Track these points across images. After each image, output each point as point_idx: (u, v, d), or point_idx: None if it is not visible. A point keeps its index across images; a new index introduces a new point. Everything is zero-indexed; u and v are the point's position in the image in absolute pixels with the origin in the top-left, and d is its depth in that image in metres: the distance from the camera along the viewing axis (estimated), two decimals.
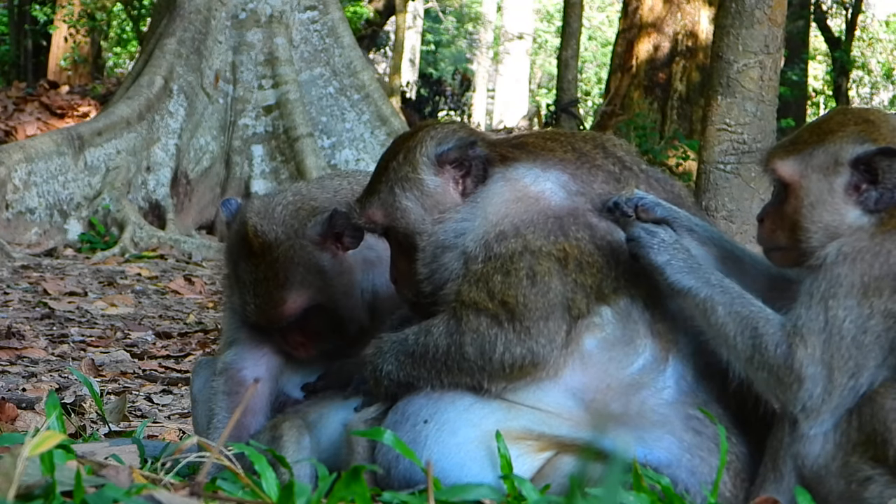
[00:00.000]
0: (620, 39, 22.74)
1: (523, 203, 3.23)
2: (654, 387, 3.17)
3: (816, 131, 3.17)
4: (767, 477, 3.09)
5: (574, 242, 3.17)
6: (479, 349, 3.13)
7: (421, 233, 3.30)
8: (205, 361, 3.93)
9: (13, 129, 20.28)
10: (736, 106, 10.59)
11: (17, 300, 9.61)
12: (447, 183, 3.32)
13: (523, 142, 3.40)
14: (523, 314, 3.12)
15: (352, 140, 16.24)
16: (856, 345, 2.93)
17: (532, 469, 3.14)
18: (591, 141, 3.43)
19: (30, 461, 2.45)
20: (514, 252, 3.15)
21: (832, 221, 3.07)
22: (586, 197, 3.26)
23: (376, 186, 3.39)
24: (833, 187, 3.08)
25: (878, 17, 37.25)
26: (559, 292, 3.13)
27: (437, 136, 3.36)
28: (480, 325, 3.14)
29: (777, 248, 3.17)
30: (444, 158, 3.31)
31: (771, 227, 3.19)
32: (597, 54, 42.87)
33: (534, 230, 3.17)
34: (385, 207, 3.35)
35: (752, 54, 10.17)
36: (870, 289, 2.94)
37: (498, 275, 3.14)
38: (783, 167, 3.15)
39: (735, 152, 11.28)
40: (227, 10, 16.14)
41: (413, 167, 3.33)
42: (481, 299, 3.14)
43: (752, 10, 9.87)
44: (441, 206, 3.30)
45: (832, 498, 3.01)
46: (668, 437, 3.12)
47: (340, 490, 2.74)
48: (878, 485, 2.96)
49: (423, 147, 3.34)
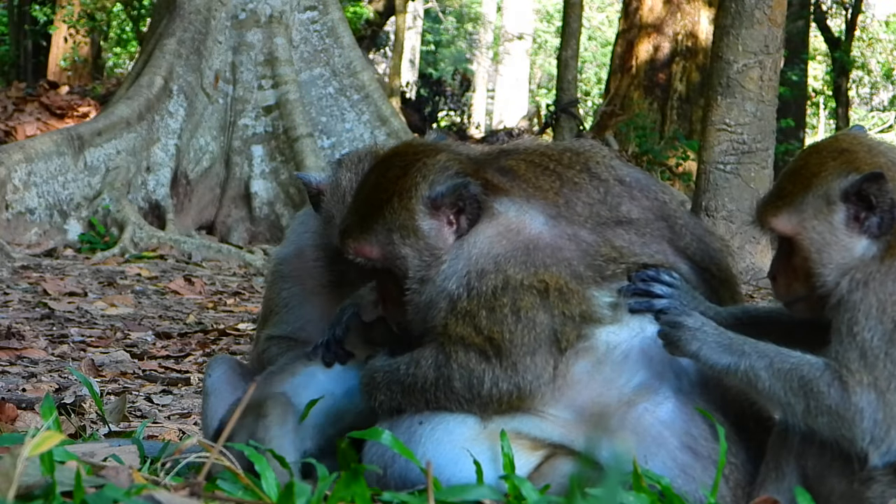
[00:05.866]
0: (620, 40, 22.75)
1: (505, 237, 3.22)
2: (652, 401, 3.15)
3: (799, 178, 3.14)
4: (769, 476, 3.09)
5: (554, 272, 3.15)
6: (466, 383, 3.15)
7: (413, 276, 3.29)
8: (221, 357, 3.97)
9: (13, 130, 20.28)
10: (736, 106, 10.58)
11: (17, 300, 9.60)
12: (441, 224, 3.29)
13: (510, 167, 3.34)
14: (510, 350, 3.12)
15: (352, 140, 16.23)
16: (891, 360, 2.92)
17: (527, 467, 3.14)
18: (576, 164, 3.37)
19: (30, 461, 2.44)
20: (495, 288, 3.14)
21: (843, 258, 3.06)
22: (571, 223, 3.24)
23: (370, 224, 3.33)
24: (834, 226, 3.07)
25: (878, 17, 37.25)
26: (546, 325, 3.12)
27: (430, 176, 3.31)
28: (469, 361, 3.14)
29: (797, 299, 3.16)
30: (438, 203, 3.27)
31: (786, 281, 3.17)
32: (597, 54, 42.87)
33: (514, 263, 3.16)
34: (382, 250, 3.32)
35: (752, 54, 10.15)
36: (886, 305, 2.95)
37: (483, 310, 3.14)
38: (780, 223, 3.13)
39: (735, 152, 11.28)
40: (226, 10, 16.14)
41: (410, 214, 3.29)
42: (468, 334, 3.15)
43: (752, 10, 9.86)
44: (434, 248, 3.28)
45: (834, 497, 3.01)
46: (663, 455, 3.11)
47: (340, 490, 2.74)
48: (880, 484, 2.96)
49: (417, 191, 3.29)
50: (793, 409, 2.98)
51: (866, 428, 2.92)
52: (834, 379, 2.93)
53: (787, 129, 23.64)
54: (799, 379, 2.95)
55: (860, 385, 2.91)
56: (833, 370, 2.94)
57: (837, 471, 3.00)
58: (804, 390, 2.95)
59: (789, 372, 2.96)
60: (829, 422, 2.94)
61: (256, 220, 15.77)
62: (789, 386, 2.97)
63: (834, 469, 3.01)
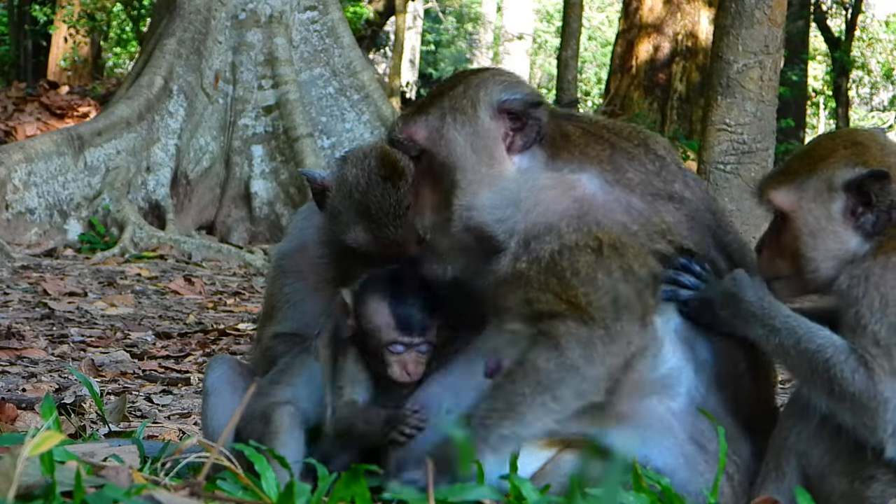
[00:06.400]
0: (620, 40, 22.74)
1: (558, 191, 3.16)
2: (668, 394, 3.14)
3: (807, 159, 3.16)
4: (769, 476, 3.09)
5: (607, 228, 3.10)
6: (585, 356, 3.06)
7: (463, 170, 3.19)
8: (221, 357, 3.96)
9: (13, 130, 20.27)
10: (736, 106, 10.58)
11: (17, 300, 9.60)
12: (497, 132, 3.21)
13: (567, 133, 3.28)
14: (595, 310, 3.06)
15: (352, 140, 16.22)
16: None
17: (534, 467, 3.13)
18: (634, 138, 3.33)
19: (30, 461, 2.44)
20: (552, 252, 3.09)
21: (835, 249, 3.06)
22: (624, 187, 3.19)
23: (426, 108, 3.27)
24: (830, 214, 3.08)
25: (878, 17, 37.23)
26: (607, 284, 3.07)
27: (505, 82, 3.26)
28: (572, 329, 3.06)
29: (777, 277, 3.15)
30: (504, 107, 3.20)
31: (770, 257, 3.17)
32: (597, 54, 42.85)
33: (567, 223, 3.11)
34: (430, 131, 3.24)
35: (752, 54, 10.15)
36: (889, 298, 2.94)
37: (553, 278, 3.07)
38: (779, 197, 3.14)
39: (735, 152, 11.28)
40: (226, 10, 16.13)
41: (472, 103, 3.22)
42: (550, 300, 3.08)
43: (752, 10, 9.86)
44: (486, 151, 3.19)
45: (834, 497, 3.01)
46: (671, 445, 3.11)
47: (340, 490, 2.74)
48: (881, 483, 2.96)
49: (487, 87, 3.23)
50: (817, 391, 2.96)
51: (889, 420, 2.90)
52: (859, 365, 2.91)
53: (787, 129, 23.63)
54: (824, 362, 2.93)
55: (884, 372, 2.89)
56: (858, 356, 2.91)
57: (838, 470, 3.00)
58: (829, 374, 2.92)
59: (815, 353, 2.94)
60: (852, 408, 2.92)
61: (256, 220, 15.77)
62: (814, 368, 2.94)
63: (834, 468, 3.01)
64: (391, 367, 3.31)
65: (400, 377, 3.31)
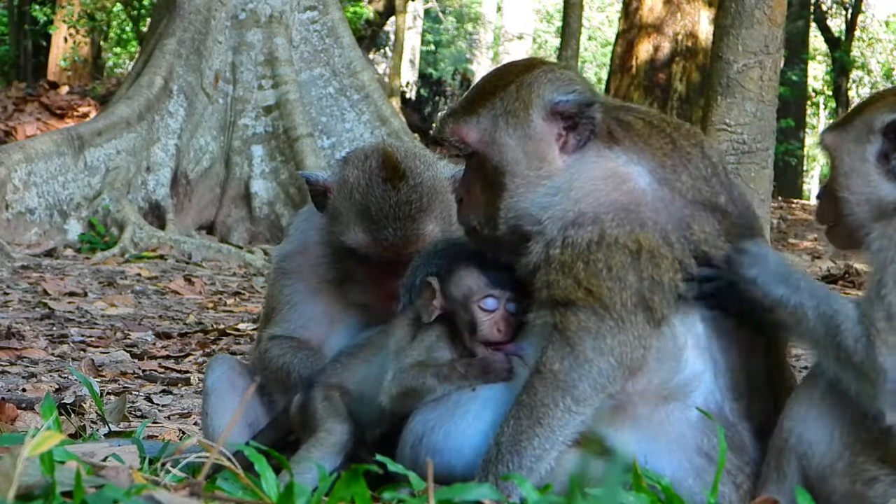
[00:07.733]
0: (620, 40, 22.74)
1: (609, 183, 3.13)
2: (685, 403, 3.12)
3: (859, 106, 3.24)
4: (770, 476, 3.09)
5: (649, 233, 3.08)
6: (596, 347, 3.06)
7: (513, 174, 3.16)
8: (221, 357, 3.96)
9: (13, 130, 20.28)
10: (736, 106, 10.57)
11: (17, 300, 9.60)
12: (550, 134, 3.17)
13: (629, 122, 3.24)
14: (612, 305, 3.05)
15: (352, 140, 16.23)
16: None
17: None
18: (692, 138, 3.30)
19: (30, 461, 2.44)
20: (590, 241, 3.07)
21: (867, 193, 3.09)
22: (673, 189, 3.16)
23: (477, 108, 3.22)
24: (865, 156, 3.11)
25: (878, 17, 37.26)
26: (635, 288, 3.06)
27: (557, 81, 3.21)
28: (584, 321, 3.06)
29: (828, 226, 3.20)
30: (557, 108, 3.16)
31: (822, 203, 3.23)
32: (597, 54, 42.87)
33: (612, 217, 3.08)
34: (482, 133, 3.20)
35: (752, 54, 10.15)
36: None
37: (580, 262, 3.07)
38: (828, 138, 3.20)
39: (735, 152, 11.26)
40: (226, 10, 16.14)
41: (525, 105, 3.17)
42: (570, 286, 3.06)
43: (751, 10, 9.86)
44: (538, 154, 3.16)
45: (835, 497, 3.00)
46: (680, 455, 3.09)
47: (340, 490, 2.74)
48: (882, 484, 2.95)
49: (540, 88, 3.19)
50: (826, 355, 2.97)
51: (889, 390, 2.90)
52: (862, 335, 2.90)
53: (787, 129, 23.64)
54: (834, 327, 2.93)
55: (885, 345, 2.89)
56: (864, 326, 2.91)
57: (839, 471, 3.00)
58: (836, 340, 2.93)
59: (830, 318, 2.94)
60: (855, 376, 2.92)
61: (256, 220, 15.77)
62: (826, 331, 2.95)
63: (836, 469, 3.01)
64: (483, 326, 3.28)
65: (491, 335, 3.28)
